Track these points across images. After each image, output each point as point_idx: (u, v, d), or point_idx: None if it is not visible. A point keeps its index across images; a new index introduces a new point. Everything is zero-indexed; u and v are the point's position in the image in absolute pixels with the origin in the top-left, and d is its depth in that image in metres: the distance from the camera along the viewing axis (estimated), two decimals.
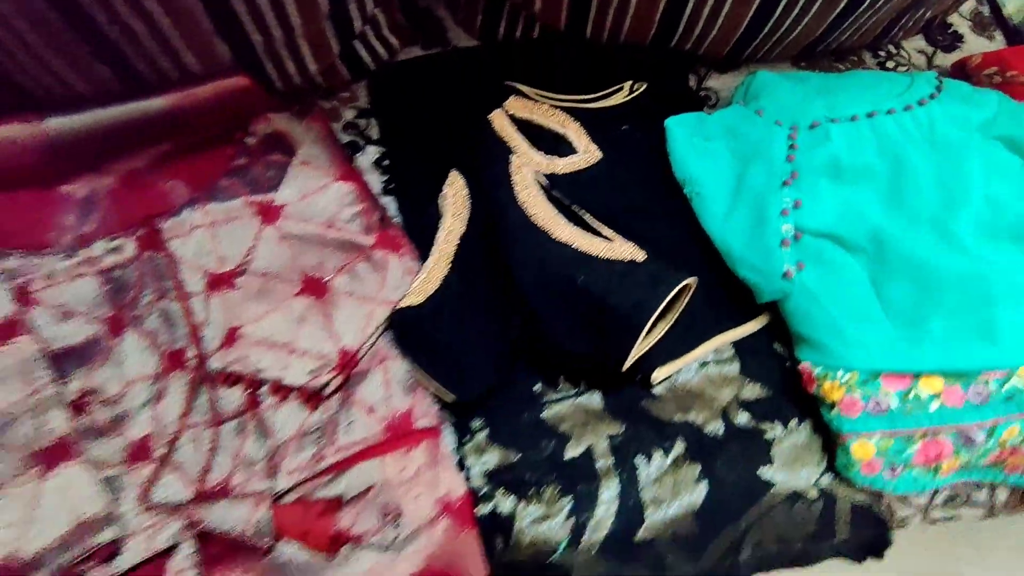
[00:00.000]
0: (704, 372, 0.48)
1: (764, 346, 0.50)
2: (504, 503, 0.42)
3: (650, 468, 0.44)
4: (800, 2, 0.50)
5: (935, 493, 0.48)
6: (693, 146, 0.51)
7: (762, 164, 0.48)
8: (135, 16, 0.37)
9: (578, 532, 0.42)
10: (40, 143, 0.44)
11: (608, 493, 0.43)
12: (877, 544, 0.47)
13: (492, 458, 0.44)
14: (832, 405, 0.44)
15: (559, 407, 0.46)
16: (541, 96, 0.54)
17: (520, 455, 0.44)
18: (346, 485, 0.41)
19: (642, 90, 0.55)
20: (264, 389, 0.43)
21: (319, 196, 0.47)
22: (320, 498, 0.39)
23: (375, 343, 0.45)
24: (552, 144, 0.53)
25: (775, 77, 0.54)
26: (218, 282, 0.45)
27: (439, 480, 0.42)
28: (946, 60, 0.66)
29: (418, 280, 0.47)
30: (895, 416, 0.43)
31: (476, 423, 0.45)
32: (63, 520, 0.38)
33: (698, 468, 0.44)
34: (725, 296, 0.50)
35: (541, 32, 0.56)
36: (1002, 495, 0.50)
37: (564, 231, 0.47)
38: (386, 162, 0.53)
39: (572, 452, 0.44)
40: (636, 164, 0.53)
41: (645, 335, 0.44)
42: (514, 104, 0.53)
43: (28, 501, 0.38)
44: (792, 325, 0.47)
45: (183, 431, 0.40)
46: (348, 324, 0.44)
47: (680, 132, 0.51)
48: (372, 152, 0.53)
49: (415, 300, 0.46)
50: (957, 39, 0.66)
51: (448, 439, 0.45)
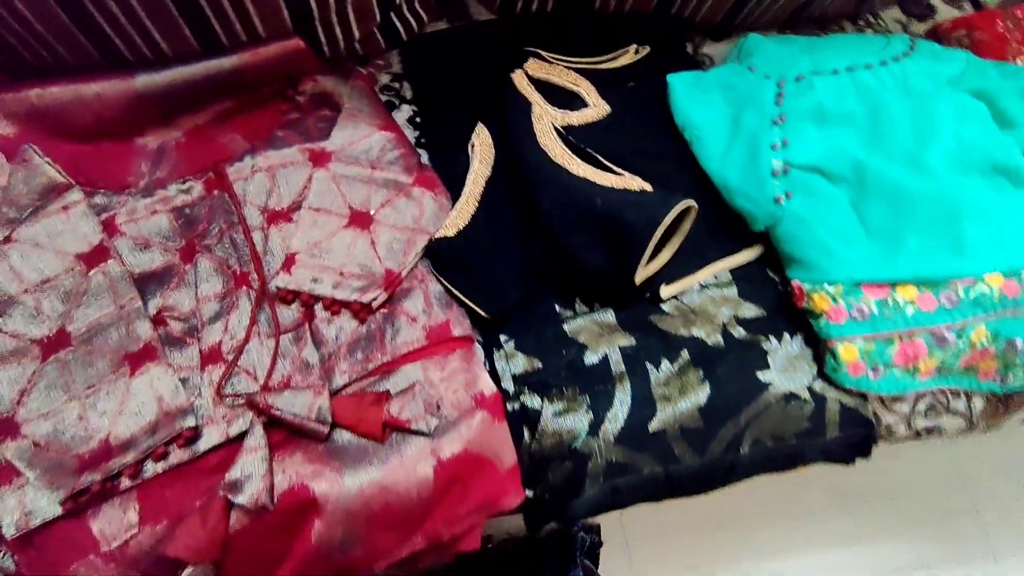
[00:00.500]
0: (706, 293, 0.54)
1: (759, 274, 0.56)
2: (531, 400, 0.48)
3: (659, 373, 0.50)
4: None
5: (917, 401, 0.53)
6: (692, 97, 0.57)
7: (754, 108, 0.55)
8: None
9: (596, 423, 0.47)
10: (129, 97, 0.51)
11: (622, 392, 0.48)
12: (864, 444, 0.52)
13: (519, 364, 0.49)
14: (820, 314, 0.50)
15: (577, 322, 0.51)
16: (556, 59, 0.61)
17: (544, 362, 0.49)
18: (392, 382, 0.46)
19: (646, 53, 0.61)
20: (318, 305, 0.49)
21: (364, 142, 0.54)
22: (371, 391, 0.45)
23: (415, 266, 0.51)
24: (567, 100, 0.59)
25: (765, 39, 0.60)
26: (276, 216, 0.51)
27: (473, 379, 0.47)
28: (921, 29, 0.73)
29: (451, 216, 0.53)
30: (876, 321, 0.49)
31: (503, 337, 0.51)
32: (150, 410, 0.43)
33: (702, 373, 0.50)
34: (722, 228, 0.56)
35: (555, 5, 0.63)
36: (978, 404, 0.55)
37: (580, 168, 0.53)
38: (419, 119, 0.60)
39: (590, 359, 0.50)
40: (642, 116, 0.59)
41: (654, 257, 0.50)
42: (532, 65, 0.59)
43: (121, 395, 0.44)
44: (783, 248, 0.53)
45: (250, 339, 0.46)
46: (391, 249, 0.50)
47: (680, 85, 0.58)
48: (406, 110, 0.59)
49: (449, 232, 0.52)
50: (930, 10, 0.73)
51: (479, 352, 0.50)
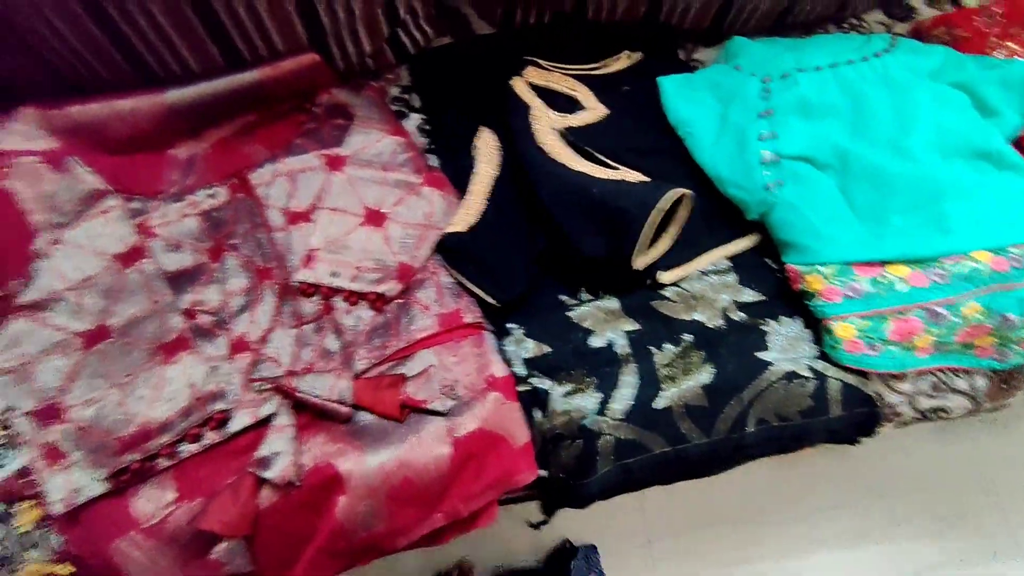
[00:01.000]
0: (706, 280, 0.56)
1: (756, 261, 0.58)
2: (541, 382, 0.50)
3: (663, 355, 0.52)
4: None
5: (919, 380, 0.55)
6: (682, 96, 0.61)
7: (740, 104, 0.58)
8: (242, 1, 0.48)
9: (604, 402, 0.49)
10: (160, 111, 0.55)
11: (628, 373, 0.51)
12: (867, 423, 0.54)
13: (529, 349, 0.52)
14: (814, 294, 0.52)
15: (582, 309, 0.54)
16: (554, 67, 0.64)
17: (552, 347, 0.52)
18: (408, 367, 0.49)
19: (639, 58, 0.65)
20: (337, 297, 0.52)
21: (376, 147, 0.57)
22: (388, 375, 0.48)
23: (427, 259, 0.54)
24: (565, 104, 0.63)
25: (749, 41, 0.64)
26: (297, 217, 0.55)
27: (486, 363, 0.50)
28: (903, 30, 0.76)
29: (460, 213, 0.56)
30: (869, 298, 0.51)
31: (512, 325, 0.53)
32: (183, 395, 0.46)
33: (704, 354, 0.52)
34: (718, 218, 0.58)
35: (552, 17, 0.67)
36: (980, 382, 0.56)
37: (579, 164, 0.56)
38: (427, 127, 0.63)
39: (596, 343, 0.52)
40: (636, 117, 0.62)
41: (653, 245, 0.53)
42: (531, 73, 0.63)
43: (156, 381, 0.47)
44: (777, 234, 0.55)
45: (274, 329, 0.49)
46: (404, 244, 0.54)
47: (671, 86, 0.61)
48: (415, 119, 0.63)
49: (460, 228, 0.55)
50: (911, 11, 0.76)
51: (490, 339, 0.53)
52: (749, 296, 0.56)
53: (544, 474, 0.50)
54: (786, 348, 0.53)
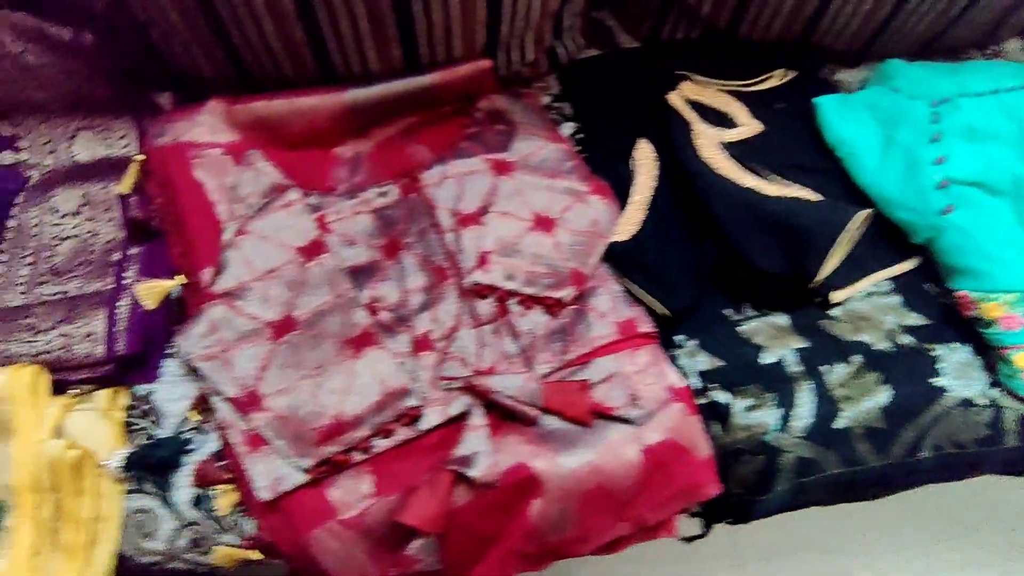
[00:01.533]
0: (871, 301, 0.56)
1: (918, 284, 0.58)
2: (719, 395, 0.50)
3: (835, 375, 0.51)
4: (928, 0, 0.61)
5: None
6: (841, 117, 0.61)
7: (908, 126, 0.58)
8: (440, 6, 0.49)
9: (785, 418, 0.49)
10: (339, 110, 0.56)
11: (804, 392, 0.50)
12: None
13: (703, 362, 0.51)
14: (991, 322, 0.51)
15: (751, 324, 0.54)
16: (708, 82, 0.65)
17: (724, 361, 0.52)
18: (590, 373, 0.49)
19: (793, 76, 0.65)
20: (512, 300, 0.52)
21: (541, 154, 0.58)
22: (572, 379, 0.48)
23: (596, 267, 0.54)
24: (719, 120, 0.63)
25: (906, 64, 0.64)
26: (466, 219, 0.55)
27: (664, 373, 0.50)
28: None
29: (621, 222, 0.56)
30: None
31: (680, 337, 0.53)
32: (374, 390, 0.47)
33: (878, 375, 0.51)
34: (880, 240, 0.58)
35: (702, 33, 0.68)
36: None
37: (747, 179, 0.56)
38: (580, 135, 0.64)
39: (766, 359, 0.52)
40: (792, 134, 0.62)
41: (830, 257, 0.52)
42: (686, 88, 0.64)
43: (346, 375, 0.47)
44: (946, 259, 0.55)
45: (459, 328, 0.50)
46: (575, 251, 0.54)
47: (829, 106, 0.61)
48: (568, 127, 0.64)
49: (623, 237, 0.56)
50: None
51: (662, 350, 0.53)
52: (915, 319, 0.55)
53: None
54: (958, 374, 0.52)
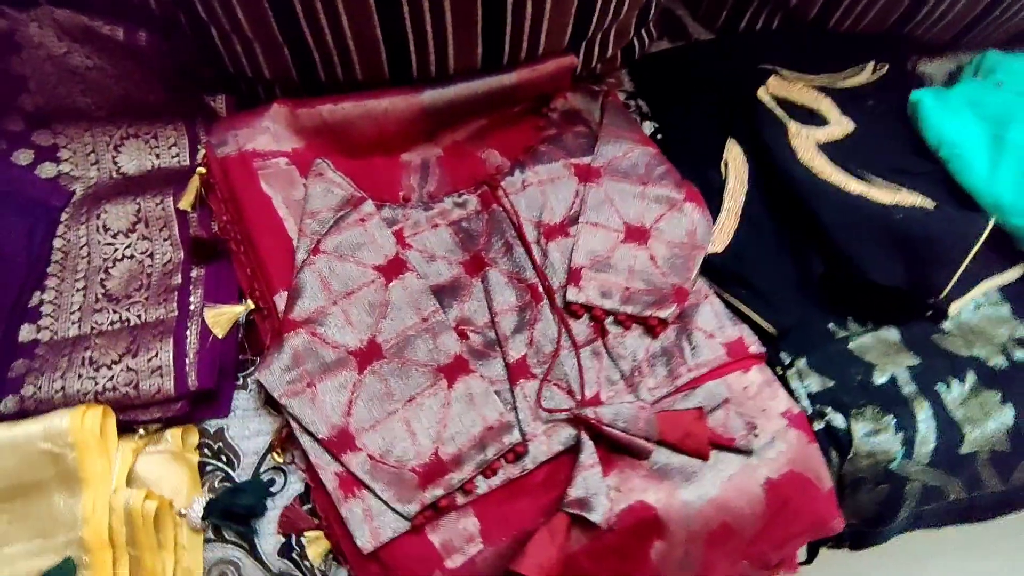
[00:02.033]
0: (980, 312, 0.53)
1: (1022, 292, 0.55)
2: (836, 419, 0.46)
3: (952, 394, 0.48)
4: None
5: None
6: (943, 114, 0.57)
7: (1021, 126, 0.54)
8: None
9: (909, 444, 0.46)
10: (413, 113, 0.51)
11: (923, 414, 0.47)
12: None
13: (814, 383, 0.48)
14: None
15: (861, 340, 0.50)
16: (795, 77, 0.61)
17: (835, 381, 0.48)
18: (702, 399, 0.46)
19: (884, 71, 0.61)
20: (609, 319, 0.48)
21: (629, 158, 0.54)
22: (687, 408, 0.44)
23: (695, 281, 0.50)
24: (807, 117, 0.59)
25: (1008, 56, 0.60)
26: (552, 231, 0.51)
27: (777, 397, 0.46)
28: None
29: (714, 232, 0.53)
30: None
31: (786, 355, 0.50)
32: (473, 424, 0.43)
33: (997, 394, 0.48)
34: (988, 246, 0.54)
35: (781, 23, 0.64)
36: None
37: (852, 185, 0.52)
38: (659, 136, 0.60)
39: (879, 379, 0.49)
40: (887, 133, 0.59)
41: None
42: (773, 83, 0.60)
43: (441, 407, 0.43)
44: None
45: (558, 352, 0.46)
46: (673, 264, 0.50)
47: (928, 102, 0.57)
48: (648, 127, 0.60)
49: (717, 248, 0.52)
50: None
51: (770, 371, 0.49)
52: None
53: None
54: None
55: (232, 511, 0.41)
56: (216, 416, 0.46)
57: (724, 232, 0.53)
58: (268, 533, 0.42)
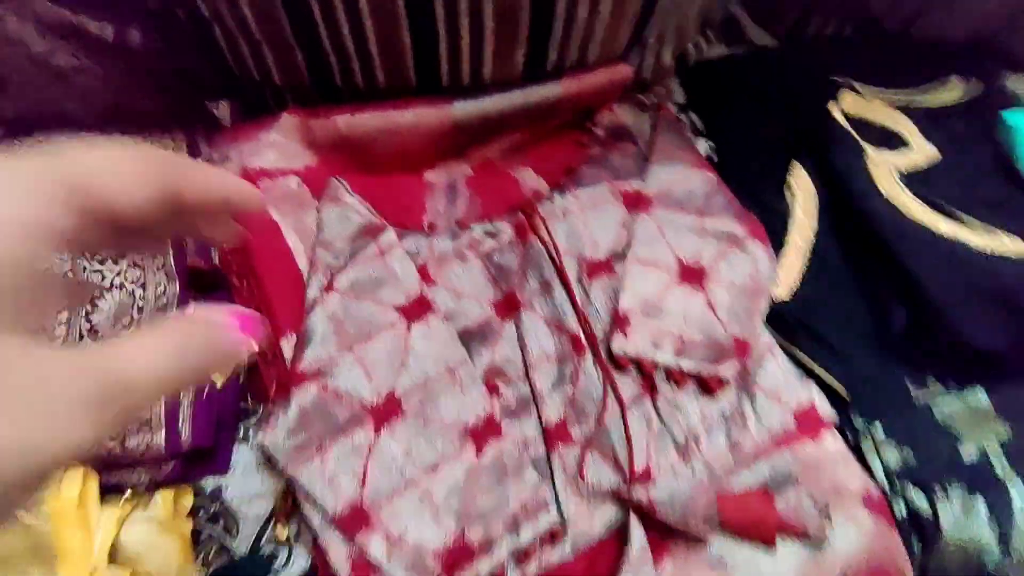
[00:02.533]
0: None
1: None
2: (919, 501, 0.41)
3: None
4: None
5: None
6: None
7: None
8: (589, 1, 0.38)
9: (1004, 536, 0.40)
10: (443, 127, 0.45)
11: (1019, 499, 0.41)
12: None
13: (892, 456, 0.42)
14: None
15: (946, 405, 0.44)
16: (871, 92, 0.54)
17: (917, 454, 0.42)
18: (768, 475, 0.40)
19: (976, 88, 0.54)
20: (660, 375, 0.42)
21: (685, 185, 0.48)
22: (751, 486, 0.39)
23: (759, 333, 0.44)
24: (884, 140, 0.52)
25: None
26: (596, 268, 0.45)
27: (850, 473, 0.40)
28: None
29: (779, 272, 0.46)
30: None
31: (861, 421, 0.44)
32: (505, 500, 0.37)
33: None
34: None
35: (854, 31, 0.56)
36: None
37: (943, 225, 0.46)
38: (714, 156, 0.53)
39: (967, 453, 0.43)
40: (978, 160, 0.52)
41: None
42: (847, 99, 0.53)
43: (469, 480, 0.38)
44: None
45: (603, 418, 0.40)
46: (733, 312, 0.44)
47: None
48: (702, 145, 0.53)
49: (782, 293, 0.46)
50: None
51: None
52: None
53: None
54: None
55: None
56: (214, 472, 0.41)
57: (789, 272, 0.47)
58: None
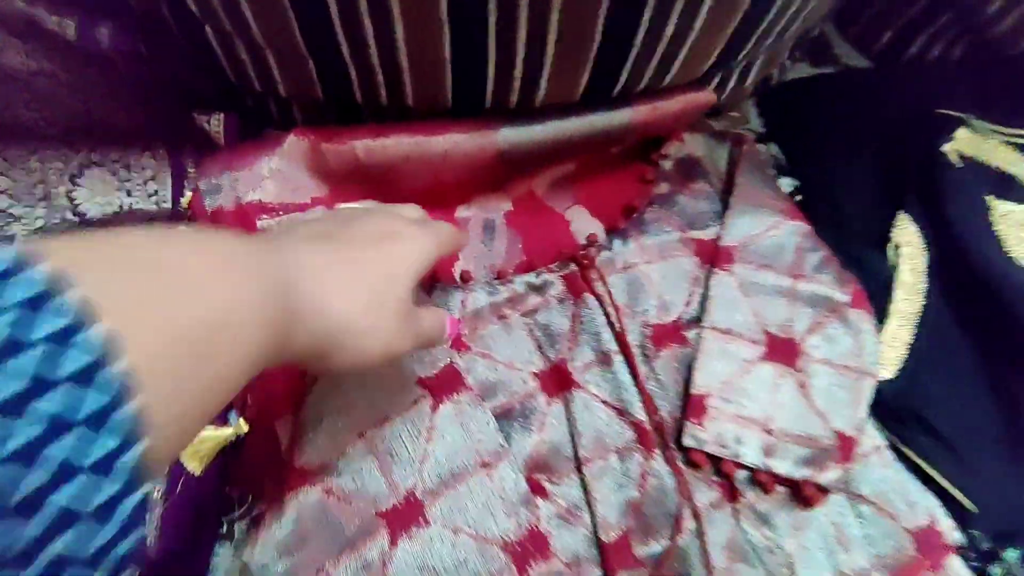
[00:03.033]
0: None
1: None
2: None
3: None
4: None
5: None
6: None
7: None
8: (684, 12, 0.30)
9: None
10: (485, 156, 0.37)
11: None
12: None
13: None
14: None
15: None
16: (987, 128, 0.46)
17: None
18: None
19: None
20: (742, 477, 0.35)
21: (772, 237, 0.39)
22: None
23: (865, 426, 0.36)
24: (1003, 187, 0.44)
25: None
26: (664, 335, 0.37)
27: None
28: None
29: (881, 345, 0.38)
30: None
31: (983, 542, 0.36)
32: None
33: None
34: None
35: (965, 53, 0.48)
36: None
37: None
38: (799, 197, 0.45)
39: None
40: None
41: None
42: (964, 137, 0.45)
43: None
44: None
45: (676, 542, 0.32)
46: (833, 399, 0.36)
47: None
48: (785, 184, 0.45)
49: (885, 372, 0.38)
50: None
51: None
52: None
53: None
54: None
55: None
56: (190, 574, 0.34)
57: (895, 346, 0.39)
58: None
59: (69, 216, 0.38)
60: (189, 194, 0.36)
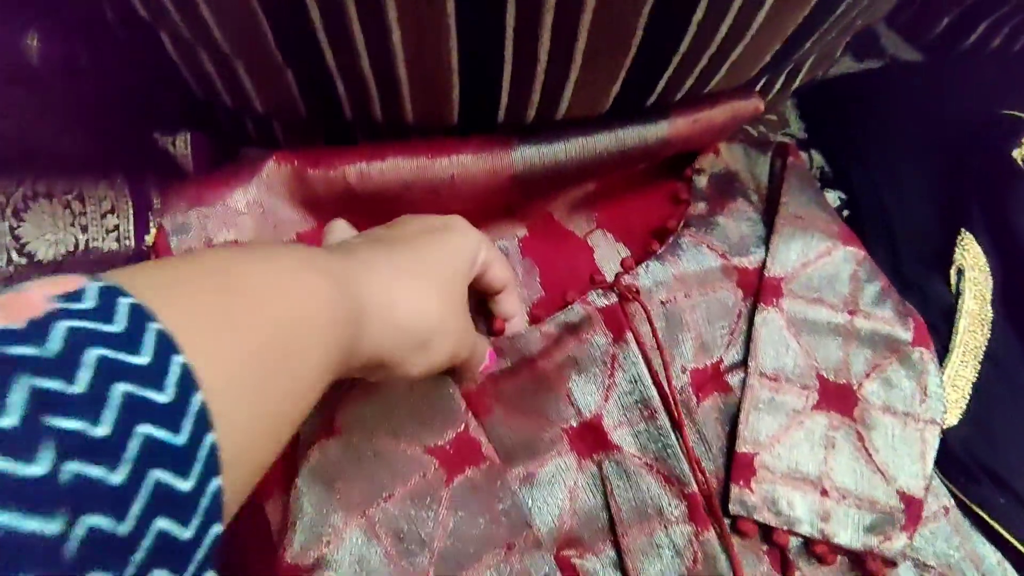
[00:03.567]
0: None
1: None
2: None
3: None
4: None
5: None
6: None
7: None
8: (742, 11, 0.25)
9: None
10: (498, 180, 0.32)
11: None
12: None
13: None
14: None
15: None
16: None
17: None
18: None
19: None
20: (796, 546, 0.31)
21: (824, 265, 0.35)
22: None
23: (932, 483, 0.32)
24: None
25: None
26: (703, 380, 0.33)
27: None
28: None
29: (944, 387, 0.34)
30: None
31: None
32: None
33: None
34: None
35: None
36: None
37: None
38: (845, 212, 0.41)
39: None
40: None
41: None
42: None
43: None
44: None
45: None
46: (895, 454, 0.32)
47: None
48: (830, 199, 0.40)
49: (950, 419, 0.34)
50: None
51: None
52: None
53: None
54: None
55: None
56: None
57: (959, 387, 0.35)
58: None
59: (16, 258, 0.33)
60: (154, 230, 0.31)
